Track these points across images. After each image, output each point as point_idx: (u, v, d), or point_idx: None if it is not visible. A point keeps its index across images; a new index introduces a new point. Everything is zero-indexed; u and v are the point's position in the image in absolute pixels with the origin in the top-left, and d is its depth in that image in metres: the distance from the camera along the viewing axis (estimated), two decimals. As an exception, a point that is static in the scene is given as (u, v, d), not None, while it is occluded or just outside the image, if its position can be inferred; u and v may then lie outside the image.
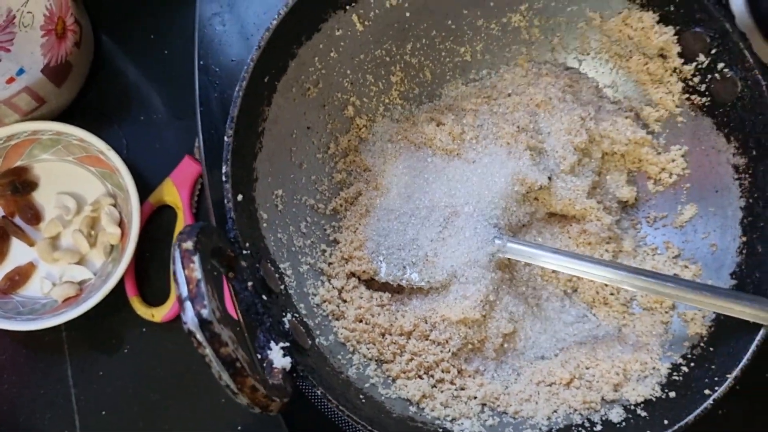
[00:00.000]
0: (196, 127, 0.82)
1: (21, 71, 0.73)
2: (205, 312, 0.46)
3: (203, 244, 0.50)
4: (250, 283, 0.56)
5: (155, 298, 0.81)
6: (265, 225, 0.62)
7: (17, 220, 0.81)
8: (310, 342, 0.60)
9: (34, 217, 0.81)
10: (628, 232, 0.72)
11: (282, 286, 0.61)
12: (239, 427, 0.80)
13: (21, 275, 0.80)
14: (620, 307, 0.69)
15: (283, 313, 0.59)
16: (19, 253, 0.81)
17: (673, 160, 0.70)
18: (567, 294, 0.71)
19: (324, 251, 0.68)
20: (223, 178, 0.58)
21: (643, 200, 0.72)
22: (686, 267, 0.68)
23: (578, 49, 0.73)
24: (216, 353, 0.46)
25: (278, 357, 0.54)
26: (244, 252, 0.57)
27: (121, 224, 0.80)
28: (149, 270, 0.82)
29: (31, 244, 0.81)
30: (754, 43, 0.64)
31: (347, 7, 0.66)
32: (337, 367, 0.61)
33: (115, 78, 0.86)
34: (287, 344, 0.55)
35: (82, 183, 0.82)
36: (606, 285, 0.69)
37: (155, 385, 0.81)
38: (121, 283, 0.77)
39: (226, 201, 0.57)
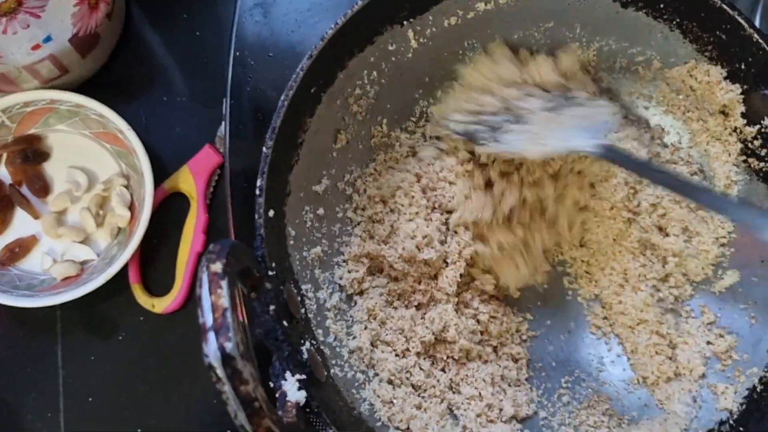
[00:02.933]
0: (221, 117, 0.79)
1: (48, 38, 0.70)
2: (228, 346, 0.43)
3: (233, 266, 0.47)
4: (272, 307, 0.53)
5: (157, 288, 0.78)
6: (292, 242, 0.59)
7: (24, 189, 0.78)
8: (326, 373, 0.57)
9: (43, 189, 0.77)
10: (662, 291, 0.69)
11: (303, 310, 0.58)
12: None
13: (22, 248, 0.76)
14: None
15: (302, 341, 0.56)
16: (22, 224, 0.77)
17: (720, 221, 0.67)
18: None
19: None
20: (257, 192, 0.54)
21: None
22: (721, 336, 0.65)
23: (634, 93, 0.70)
24: (235, 391, 0.43)
25: (293, 390, 0.51)
26: (270, 273, 0.54)
27: (131, 207, 0.77)
28: (155, 258, 0.79)
29: (36, 216, 0.77)
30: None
31: (404, 23, 0.64)
32: (350, 402, 0.59)
33: (141, 54, 0.82)
34: (303, 377, 0.52)
35: (95, 159, 0.78)
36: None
37: (146, 376, 0.78)
38: (123, 267, 0.74)
39: (257, 216, 0.54)
